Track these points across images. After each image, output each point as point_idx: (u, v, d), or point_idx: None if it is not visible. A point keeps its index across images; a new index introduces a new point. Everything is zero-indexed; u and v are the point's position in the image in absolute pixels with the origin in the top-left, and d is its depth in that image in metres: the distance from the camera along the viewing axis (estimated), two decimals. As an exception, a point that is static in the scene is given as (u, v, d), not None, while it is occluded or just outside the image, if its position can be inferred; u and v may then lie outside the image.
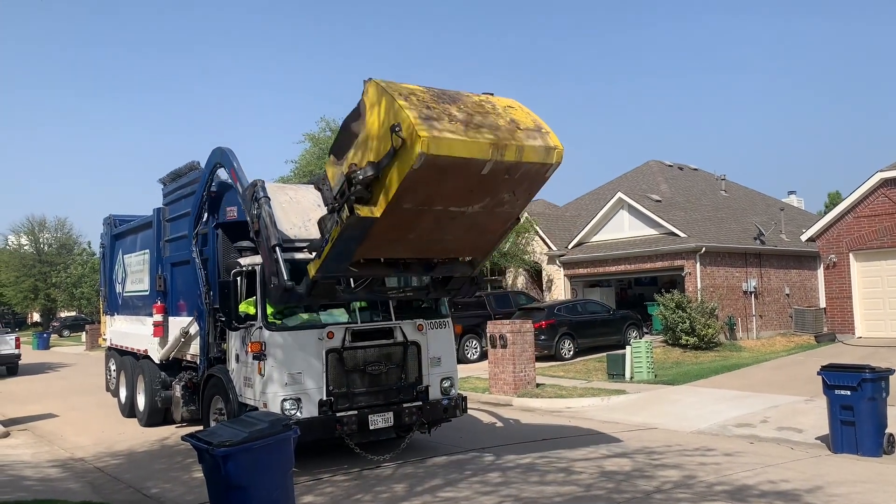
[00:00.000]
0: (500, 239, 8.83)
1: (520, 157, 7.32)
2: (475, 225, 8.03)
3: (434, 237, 7.95)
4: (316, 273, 7.93)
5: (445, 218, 7.69)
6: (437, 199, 7.36)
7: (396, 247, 7.99)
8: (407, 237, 7.75)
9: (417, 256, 8.50)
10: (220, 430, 6.32)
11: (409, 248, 8.13)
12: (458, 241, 8.25)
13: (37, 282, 57.70)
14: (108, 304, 16.38)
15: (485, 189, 7.51)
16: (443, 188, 7.18)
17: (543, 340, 20.32)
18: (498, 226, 8.33)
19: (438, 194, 7.27)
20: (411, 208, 7.29)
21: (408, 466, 9.29)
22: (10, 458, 10.77)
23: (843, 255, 22.03)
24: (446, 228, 7.87)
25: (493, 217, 8.05)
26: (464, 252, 8.72)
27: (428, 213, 7.48)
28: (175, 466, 9.91)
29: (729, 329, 24.45)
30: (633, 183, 31.66)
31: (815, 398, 12.08)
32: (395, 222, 7.38)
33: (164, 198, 12.92)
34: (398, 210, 7.20)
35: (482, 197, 7.61)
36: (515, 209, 8.19)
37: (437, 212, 7.53)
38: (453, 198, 7.45)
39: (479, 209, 7.76)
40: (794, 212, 35.35)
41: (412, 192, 7.02)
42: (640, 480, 8.17)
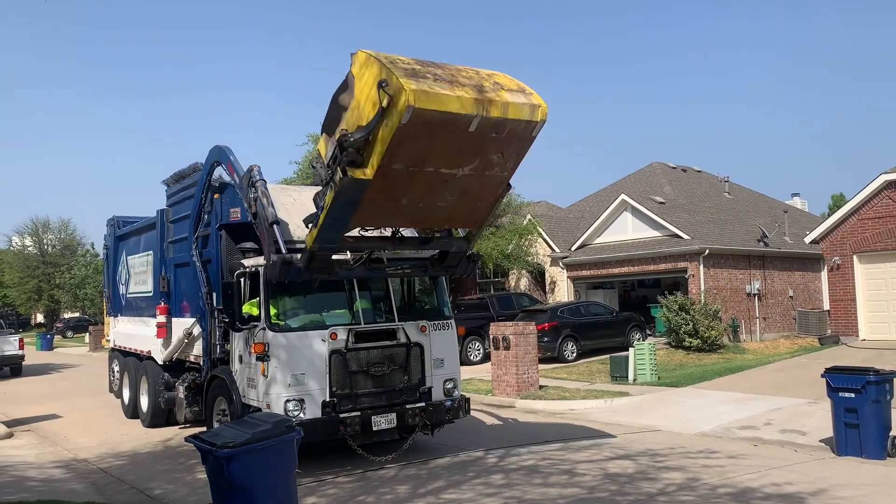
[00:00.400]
0: (492, 208, 8.88)
1: (505, 114, 7.43)
2: (467, 191, 8.15)
3: (427, 203, 8.08)
4: (313, 243, 8.05)
5: (437, 182, 7.82)
6: (427, 160, 7.49)
7: (391, 215, 8.16)
8: (400, 203, 7.88)
9: (412, 226, 8.78)
10: (223, 432, 6.32)
11: (403, 217, 8.33)
12: (452, 208, 8.34)
13: (40, 283, 57.85)
14: (111, 306, 16.40)
15: (473, 149, 7.63)
16: (432, 147, 7.33)
17: (546, 342, 20.30)
18: (489, 192, 8.39)
19: (428, 154, 7.42)
20: (402, 169, 7.44)
21: (411, 468, 9.29)
22: (14, 458, 10.79)
23: (847, 258, 22.00)
24: (438, 194, 8.01)
25: (484, 182, 8.16)
26: (457, 222, 8.87)
27: (419, 176, 7.61)
28: (178, 468, 9.92)
29: (732, 331, 24.41)
30: (637, 185, 31.62)
31: (818, 400, 12.06)
32: (387, 185, 7.51)
33: (167, 199, 12.94)
34: (390, 171, 7.35)
35: (471, 158, 7.75)
36: (505, 173, 8.24)
37: (429, 174, 7.65)
38: (443, 158, 7.58)
39: (470, 172, 7.88)
40: (798, 214, 35.28)
41: (402, 150, 7.19)
42: (644, 483, 8.16)
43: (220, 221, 10.47)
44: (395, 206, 7.95)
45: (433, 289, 10.57)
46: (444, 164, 7.68)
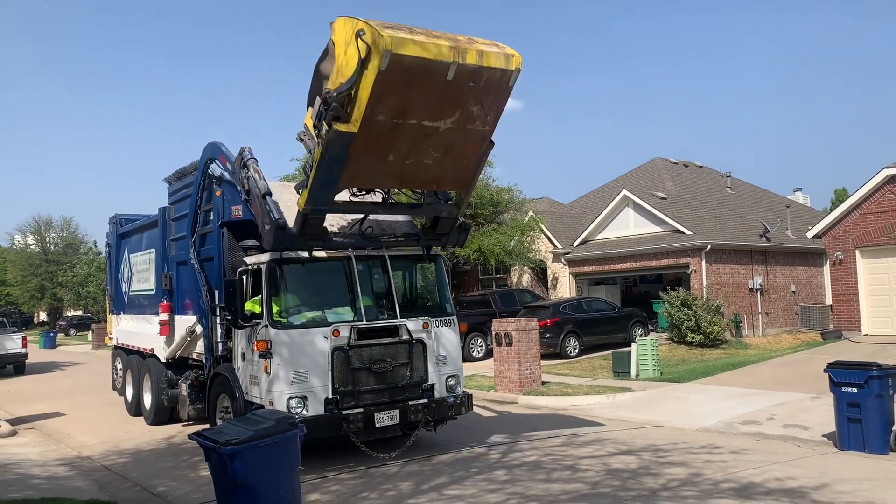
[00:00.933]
0: (478, 167, 9.14)
1: (480, 62, 7.70)
2: (451, 147, 8.41)
3: (413, 161, 8.34)
4: (305, 205, 8.25)
5: (421, 135, 8.09)
6: (409, 111, 7.77)
7: (378, 174, 8.42)
8: (387, 160, 8.14)
9: (401, 186, 9.00)
10: (226, 429, 6.34)
11: (391, 177, 8.58)
12: (438, 167, 8.57)
13: (43, 281, 57.89)
14: (114, 304, 16.43)
15: (453, 100, 7.91)
16: (412, 97, 7.62)
17: (549, 338, 20.30)
18: (473, 148, 8.65)
19: (410, 105, 7.70)
20: (386, 121, 7.71)
21: (414, 464, 9.30)
22: (18, 456, 10.82)
23: (850, 252, 21.97)
24: (423, 150, 8.27)
25: (467, 136, 8.42)
26: (445, 183, 9.09)
27: (403, 129, 7.88)
28: (181, 465, 9.94)
29: (735, 326, 24.40)
30: (639, 180, 31.59)
31: (821, 395, 12.05)
32: (372, 140, 7.77)
33: (169, 197, 12.96)
34: (374, 124, 7.62)
35: (452, 110, 8.02)
36: (487, 127, 8.48)
37: (412, 127, 7.93)
38: (425, 110, 7.86)
39: (452, 125, 8.14)
40: (800, 209, 35.25)
41: (383, 100, 7.46)
42: (647, 478, 8.16)
43: (222, 219, 10.48)
44: (383, 164, 8.18)
45: (435, 285, 10.58)
46: (426, 115, 7.94)
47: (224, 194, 10.48)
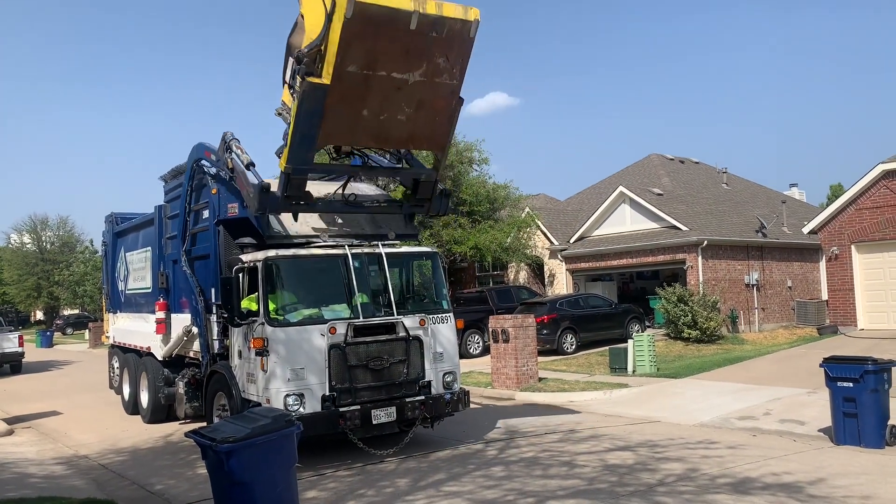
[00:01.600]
0: (450, 124, 9.40)
1: (440, 12, 8.17)
2: (422, 102, 8.82)
3: (387, 116, 8.72)
4: (286, 165, 8.52)
5: (391, 88, 8.47)
6: (378, 62, 8.19)
7: (354, 130, 8.76)
8: (361, 114, 8.51)
9: (377, 145, 9.34)
10: (223, 427, 6.34)
11: (367, 134, 8.92)
12: (412, 123, 8.96)
13: (40, 280, 57.76)
14: (110, 302, 16.41)
15: (419, 51, 8.36)
16: (379, 47, 8.07)
17: (546, 335, 20.31)
18: (443, 104, 9.03)
19: (377, 55, 8.13)
20: (356, 72, 8.11)
21: (411, 461, 9.31)
22: (15, 455, 10.81)
23: (845, 248, 22.02)
24: (396, 104, 8.67)
25: (436, 91, 8.82)
26: (420, 141, 9.48)
27: (374, 81, 8.28)
28: (179, 463, 9.94)
29: (731, 322, 24.45)
30: (635, 177, 31.62)
31: (817, 390, 12.09)
32: (345, 93, 8.18)
33: (165, 195, 12.94)
34: (345, 75, 8.03)
35: (419, 61, 8.45)
36: (454, 81, 8.87)
37: (382, 79, 8.32)
38: (392, 61, 8.29)
39: (420, 78, 8.56)
40: (796, 204, 35.31)
41: (352, 51, 7.92)
42: (644, 473, 8.18)
43: (218, 217, 10.47)
44: (358, 119, 8.54)
45: (432, 282, 10.59)
46: (395, 67, 8.35)
47: (220, 192, 10.47)
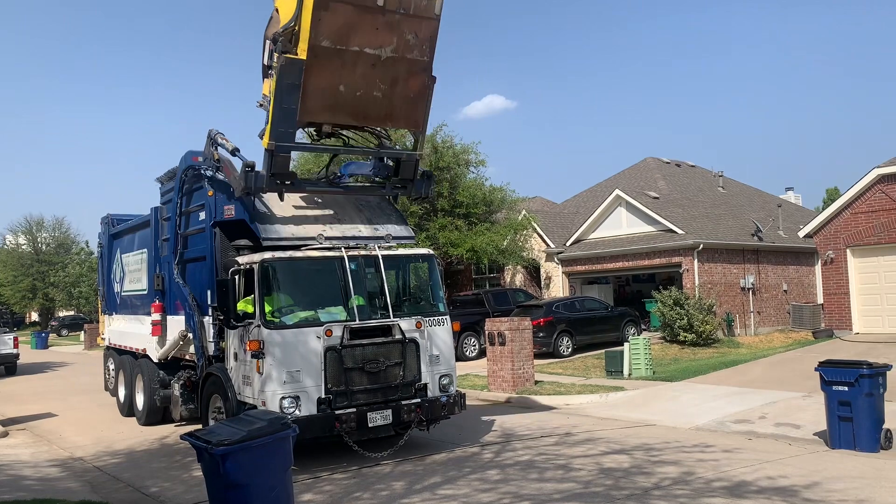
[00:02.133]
0: (425, 102, 9.84)
1: None
2: (396, 79, 9.32)
3: (362, 91, 9.19)
4: (269, 142, 8.88)
5: (366, 65, 9.00)
6: (350, 36, 8.73)
7: (334, 107, 9.19)
8: (338, 90, 8.99)
9: (357, 121, 9.63)
10: (218, 429, 6.32)
11: (345, 110, 9.32)
12: (387, 100, 9.44)
13: (35, 281, 57.61)
14: (106, 304, 16.37)
15: (388, 27, 8.92)
16: (349, 21, 8.63)
17: (542, 338, 20.33)
18: (417, 81, 9.54)
19: (348, 30, 8.67)
20: (330, 47, 8.66)
21: (407, 464, 9.31)
22: (9, 457, 10.78)
23: (841, 252, 22.07)
24: (371, 80, 9.16)
25: (409, 67, 9.34)
26: (397, 119, 9.90)
27: (348, 56, 8.82)
28: (174, 465, 9.92)
29: (727, 325, 24.50)
30: (631, 180, 31.68)
31: (812, 394, 12.11)
32: (321, 66, 8.68)
33: (161, 197, 12.93)
34: (319, 49, 8.56)
35: (389, 35, 8.99)
36: (425, 57, 9.42)
37: (356, 54, 8.86)
38: (363, 35, 8.81)
39: (392, 53, 9.08)
40: (792, 208, 35.41)
41: (323, 25, 8.47)
42: (639, 477, 8.19)
43: (214, 219, 10.46)
44: (335, 96, 9.04)
45: (428, 284, 10.59)
46: (367, 42, 8.88)
47: (216, 194, 10.47)
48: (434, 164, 25.32)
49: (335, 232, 9.93)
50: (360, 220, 10.34)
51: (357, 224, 10.25)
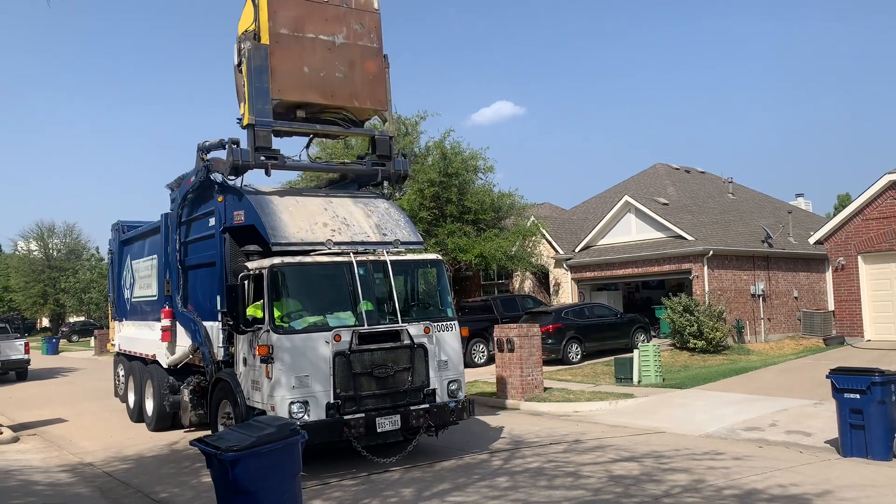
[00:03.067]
0: (385, 84, 11.04)
1: None
2: (353, 63, 10.65)
3: (325, 72, 10.40)
4: (249, 116, 9.81)
5: (323, 49, 10.40)
6: (304, 25, 10.22)
7: (303, 86, 10.29)
8: (302, 71, 10.22)
9: (325, 100, 10.51)
10: (227, 435, 6.33)
11: (314, 89, 10.39)
12: (349, 81, 10.63)
13: (46, 287, 57.90)
14: (116, 310, 16.44)
15: (335, 17, 10.47)
16: (301, 13, 10.19)
17: (551, 344, 20.28)
18: (373, 64, 10.87)
19: (302, 20, 10.19)
20: (289, 34, 10.11)
21: (416, 470, 9.29)
22: (20, 463, 10.82)
23: (852, 258, 21.94)
24: (331, 63, 10.44)
25: (363, 52, 10.75)
26: (363, 97, 10.83)
27: (306, 42, 10.24)
28: (184, 471, 9.93)
29: (737, 332, 24.37)
30: (640, 186, 31.62)
31: (824, 401, 12.03)
32: (284, 50, 10.04)
33: (171, 203, 12.97)
34: (280, 36, 10.01)
35: (339, 25, 10.51)
36: (375, 44, 10.86)
37: (312, 41, 10.29)
38: (316, 24, 10.31)
39: (345, 40, 10.57)
40: (802, 214, 35.24)
41: (279, 14, 9.98)
42: (649, 484, 8.15)
43: (224, 224, 10.50)
44: (301, 76, 10.23)
45: (436, 290, 10.59)
46: (320, 30, 10.36)
47: (226, 200, 10.51)
48: (443, 170, 25.36)
49: (344, 237, 9.94)
50: (369, 225, 10.35)
51: (365, 229, 10.27)
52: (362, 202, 10.89)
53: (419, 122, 27.73)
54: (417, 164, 26.44)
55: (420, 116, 27.76)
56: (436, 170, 25.33)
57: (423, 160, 26.64)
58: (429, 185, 25.04)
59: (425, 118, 27.77)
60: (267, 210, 9.83)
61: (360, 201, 10.91)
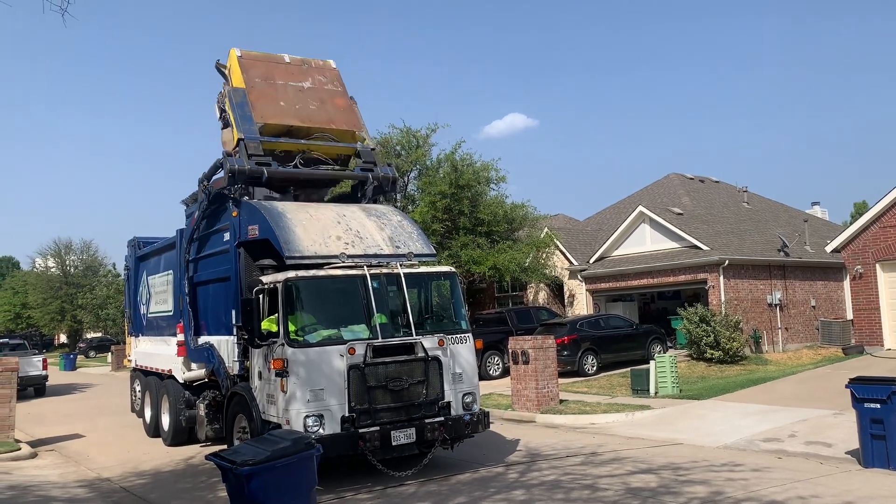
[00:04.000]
0: (355, 110, 12.25)
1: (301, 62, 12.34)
2: (324, 100, 11.91)
3: (300, 105, 11.60)
4: (238, 133, 10.86)
5: (294, 91, 11.73)
6: (274, 77, 11.72)
7: (282, 113, 11.41)
8: (280, 104, 11.46)
9: (305, 123, 11.45)
10: (243, 449, 6.35)
11: (293, 116, 11.47)
12: (324, 111, 11.77)
13: (63, 303, 58.38)
14: (132, 326, 16.54)
15: (300, 73, 12.02)
16: (269, 70, 11.75)
17: (566, 356, 20.18)
18: (342, 101, 12.17)
19: (271, 73, 11.71)
20: (262, 83, 11.54)
21: (431, 484, 9.24)
22: (38, 478, 10.87)
23: (870, 266, 21.72)
24: (304, 100, 11.69)
25: (331, 94, 12.09)
26: (339, 122, 11.86)
27: (278, 87, 11.62)
28: (200, 486, 9.94)
29: (754, 342, 24.15)
30: (654, 196, 31.51)
31: (843, 411, 11.88)
32: (259, 92, 11.38)
33: (186, 219, 13.08)
34: (254, 83, 11.47)
35: (304, 77, 12.00)
36: (339, 89, 12.25)
37: (283, 86, 11.69)
38: (283, 76, 11.81)
39: (312, 85, 11.99)
40: (819, 223, 34.97)
41: (251, 72, 11.55)
42: (667, 497, 8.06)
43: (239, 239, 10.56)
44: (279, 107, 11.42)
45: (450, 302, 10.57)
46: (288, 79, 11.80)
47: (240, 215, 10.58)
48: (454, 182, 25.42)
49: (357, 250, 9.96)
50: (382, 238, 10.37)
51: (379, 242, 10.29)
52: (375, 215, 10.92)
53: (430, 135, 27.88)
54: (429, 177, 26.54)
55: (431, 129, 27.90)
56: (447, 182, 25.39)
57: (434, 172, 26.72)
58: (441, 197, 25.10)
59: (436, 130, 27.92)
60: (281, 224, 9.88)
61: (373, 214, 10.94)
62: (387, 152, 27.14)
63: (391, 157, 26.76)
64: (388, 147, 27.76)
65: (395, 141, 28.02)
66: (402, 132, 27.95)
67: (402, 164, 27.09)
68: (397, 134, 28.02)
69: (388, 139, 27.91)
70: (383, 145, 27.76)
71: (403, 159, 27.44)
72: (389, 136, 27.98)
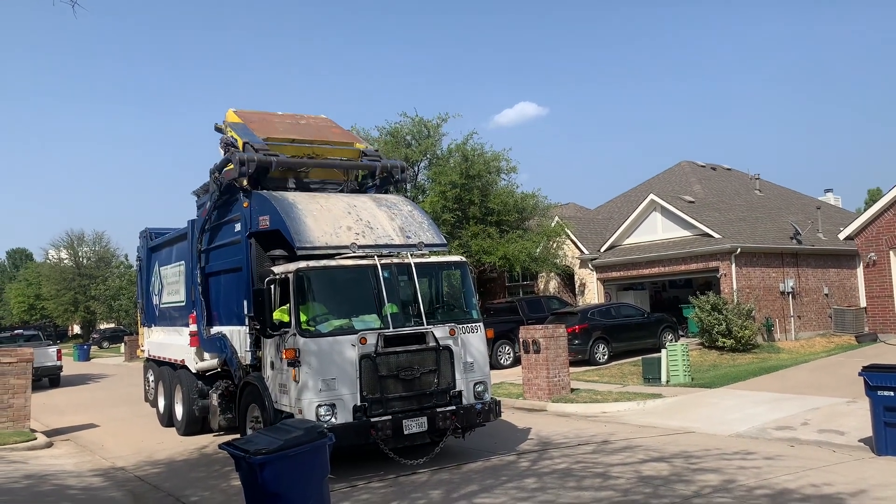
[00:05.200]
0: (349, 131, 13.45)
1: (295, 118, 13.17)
2: (318, 128, 12.77)
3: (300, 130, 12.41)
4: (242, 141, 11.12)
5: (292, 122, 12.69)
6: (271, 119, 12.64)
7: (283, 132, 12.04)
8: (280, 130, 12.11)
9: (304, 138, 12.02)
10: (256, 438, 6.38)
11: (294, 132, 12.18)
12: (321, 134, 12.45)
13: (77, 294, 58.81)
14: (145, 316, 16.64)
15: (294, 125, 12.67)
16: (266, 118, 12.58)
17: (577, 345, 20.15)
18: (336, 129, 13.03)
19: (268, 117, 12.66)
20: (260, 121, 12.25)
21: (443, 472, 9.28)
22: (54, 467, 10.99)
23: (884, 253, 21.58)
24: (302, 129, 12.48)
25: (324, 126, 13.01)
26: (338, 136, 12.61)
27: (275, 122, 12.45)
28: (213, 474, 10.02)
29: (766, 330, 24.04)
30: (666, 184, 31.34)
31: (857, 399, 11.83)
32: (259, 124, 12.03)
33: (198, 210, 13.12)
34: (252, 121, 11.98)
35: (297, 127, 12.62)
36: (331, 125, 13.12)
37: (280, 121, 12.66)
38: (280, 124, 12.50)
39: (307, 123, 12.90)
40: (832, 210, 34.69)
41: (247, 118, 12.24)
42: (679, 485, 8.06)
43: (250, 229, 10.59)
44: (279, 130, 12.05)
45: (461, 292, 10.58)
46: (284, 119, 12.78)
47: (251, 205, 10.60)
48: (465, 172, 25.38)
49: (368, 240, 9.97)
50: (392, 228, 10.37)
51: (389, 232, 10.30)
52: (385, 205, 10.92)
53: (440, 125, 27.83)
54: (439, 167, 26.53)
55: (441, 119, 27.86)
56: (457, 171, 25.35)
57: (444, 162, 26.69)
58: (451, 186, 25.08)
59: (446, 120, 27.87)
60: (292, 214, 9.90)
61: (384, 204, 10.93)
62: (397, 142, 27.18)
63: (402, 147, 26.77)
64: (398, 137, 27.74)
65: (406, 130, 28.00)
66: (413, 121, 27.93)
67: (412, 154, 27.07)
68: (408, 123, 28.02)
69: (398, 129, 27.89)
70: (393, 135, 27.77)
71: (414, 149, 27.42)
72: (400, 126, 27.97)
